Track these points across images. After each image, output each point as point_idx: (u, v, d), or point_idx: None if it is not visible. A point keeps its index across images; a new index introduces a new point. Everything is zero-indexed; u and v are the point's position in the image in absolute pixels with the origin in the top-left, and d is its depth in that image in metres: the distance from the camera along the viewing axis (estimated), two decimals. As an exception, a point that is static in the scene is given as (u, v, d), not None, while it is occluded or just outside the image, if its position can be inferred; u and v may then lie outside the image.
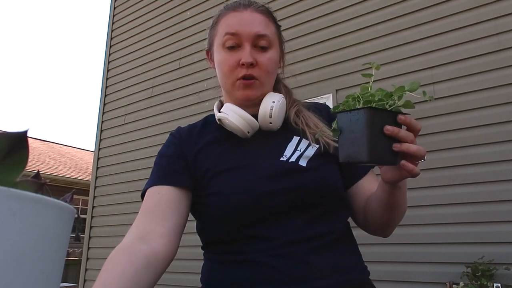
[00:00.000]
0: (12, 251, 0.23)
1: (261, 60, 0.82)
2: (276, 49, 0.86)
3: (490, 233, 2.30)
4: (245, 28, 0.81)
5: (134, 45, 4.70)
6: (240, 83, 0.82)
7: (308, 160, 0.79)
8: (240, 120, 0.82)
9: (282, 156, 0.80)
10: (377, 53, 2.94)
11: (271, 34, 0.84)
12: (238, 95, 0.84)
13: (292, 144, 0.82)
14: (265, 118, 0.82)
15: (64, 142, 33.08)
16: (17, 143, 0.27)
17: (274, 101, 0.83)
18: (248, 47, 0.81)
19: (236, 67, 0.82)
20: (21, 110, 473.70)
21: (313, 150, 0.80)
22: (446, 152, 2.51)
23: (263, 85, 0.84)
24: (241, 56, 0.80)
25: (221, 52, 0.85)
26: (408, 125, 0.65)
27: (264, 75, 0.83)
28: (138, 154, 4.21)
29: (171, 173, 0.81)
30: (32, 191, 0.25)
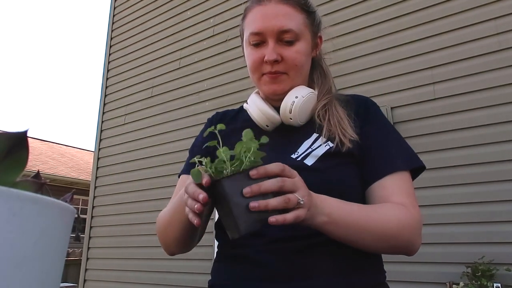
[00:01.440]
0: (12, 251, 0.23)
1: (287, 54, 0.79)
2: (306, 39, 0.82)
3: (490, 233, 2.30)
4: (268, 24, 0.78)
5: (134, 45, 4.70)
6: (265, 77, 0.81)
7: (316, 160, 0.76)
8: (259, 113, 0.82)
9: (295, 153, 0.78)
10: (377, 53, 2.94)
11: (297, 26, 0.80)
12: (265, 89, 0.83)
13: (309, 141, 0.80)
14: (285, 114, 0.81)
15: (64, 142, 33.08)
16: (17, 143, 0.27)
17: (297, 96, 0.80)
18: (272, 43, 0.79)
19: (261, 64, 0.81)
20: (21, 110, 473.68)
21: (324, 149, 0.77)
22: (446, 152, 2.50)
23: (291, 79, 0.81)
24: (265, 53, 0.79)
25: (247, 48, 0.84)
26: (264, 176, 0.57)
27: (292, 69, 0.80)
28: (138, 154, 4.21)
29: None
30: (32, 191, 0.25)
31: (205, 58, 3.95)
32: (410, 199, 0.75)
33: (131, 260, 3.93)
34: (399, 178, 0.76)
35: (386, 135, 0.82)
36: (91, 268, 4.30)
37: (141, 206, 3.99)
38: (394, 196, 0.74)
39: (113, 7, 5.13)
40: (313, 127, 0.82)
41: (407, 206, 0.73)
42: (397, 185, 0.75)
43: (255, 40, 0.80)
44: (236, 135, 0.82)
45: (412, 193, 0.76)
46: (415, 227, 0.72)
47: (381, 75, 2.87)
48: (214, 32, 3.95)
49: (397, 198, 0.73)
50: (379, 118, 0.84)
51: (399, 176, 0.77)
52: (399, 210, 0.71)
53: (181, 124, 3.94)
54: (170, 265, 3.54)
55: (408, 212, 0.71)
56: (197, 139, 0.93)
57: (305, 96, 0.80)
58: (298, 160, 0.77)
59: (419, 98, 2.70)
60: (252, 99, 0.85)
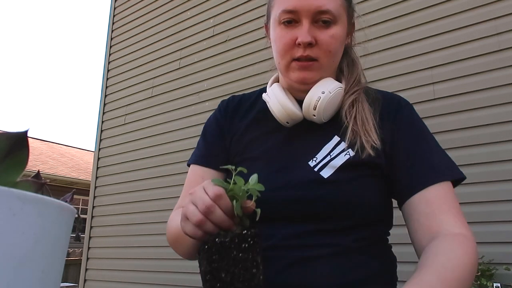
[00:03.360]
0: (12, 250, 0.23)
1: (322, 38, 0.71)
2: (342, 24, 0.74)
3: (489, 233, 2.30)
4: (304, 2, 0.70)
5: (134, 45, 4.69)
6: (295, 64, 0.72)
7: (334, 171, 0.69)
8: (280, 108, 0.73)
9: (313, 159, 0.71)
10: (377, 53, 2.94)
11: (336, 7, 0.71)
12: (293, 77, 0.74)
13: (329, 145, 0.72)
14: (309, 110, 0.72)
15: (65, 142, 33.07)
16: (18, 143, 0.27)
17: (324, 91, 0.71)
18: (307, 23, 0.70)
19: (292, 46, 0.72)
20: (22, 110, 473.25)
21: (343, 158, 0.70)
22: (446, 152, 2.50)
23: (323, 67, 0.73)
24: (298, 34, 0.70)
25: (276, 28, 0.74)
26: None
27: (325, 56, 0.72)
28: (138, 154, 4.21)
29: (210, 154, 0.80)
30: (32, 191, 0.25)
31: (205, 58, 3.95)
32: (460, 217, 0.67)
33: (131, 260, 3.93)
34: (444, 190, 0.68)
35: (424, 141, 0.74)
36: (92, 268, 4.31)
37: (141, 206, 3.99)
38: (444, 214, 0.66)
39: (113, 7, 5.13)
40: (335, 126, 0.74)
41: (462, 230, 0.65)
42: (444, 198, 0.67)
43: (288, 18, 0.71)
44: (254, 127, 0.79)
45: (459, 208, 0.68)
46: (477, 259, 0.64)
47: (381, 75, 2.87)
48: (214, 33, 3.95)
49: (447, 217, 0.65)
50: (415, 121, 0.76)
51: (444, 187, 0.68)
52: (465, 253, 0.60)
53: (181, 124, 3.94)
54: (170, 265, 3.54)
55: (470, 244, 0.63)
56: (208, 127, 0.86)
57: (332, 92, 0.72)
58: (315, 170, 0.70)
59: (418, 98, 2.70)
60: (274, 90, 0.76)
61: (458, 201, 0.69)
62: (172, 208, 0.86)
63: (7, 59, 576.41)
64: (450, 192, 0.69)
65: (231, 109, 0.84)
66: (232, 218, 0.53)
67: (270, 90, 0.78)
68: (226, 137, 0.81)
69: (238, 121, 0.82)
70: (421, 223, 0.67)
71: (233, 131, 0.81)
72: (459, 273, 0.58)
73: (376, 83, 2.88)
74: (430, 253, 0.61)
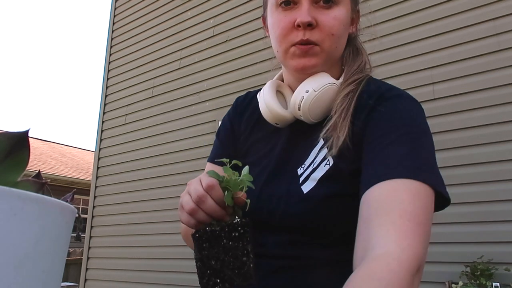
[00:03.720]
0: (13, 250, 0.23)
1: (323, 19, 0.64)
2: (346, 6, 0.67)
3: (489, 232, 2.30)
4: None
5: (135, 45, 4.70)
6: (295, 49, 0.66)
7: (314, 186, 0.64)
8: (266, 110, 0.70)
9: (301, 167, 0.68)
10: (377, 53, 2.94)
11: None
12: (292, 64, 0.67)
13: (315, 150, 0.67)
14: (295, 110, 0.68)
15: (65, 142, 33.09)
16: (18, 143, 0.28)
17: (309, 90, 0.65)
18: (307, 3, 0.64)
19: (291, 30, 0.65)
20: (22, 110, 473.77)
21: (323, 169, 0.64)
22: (446, 152, 2.50)
23: (325, 52, 0.66)
24: (297, 16, 0.64)
25: (274, 13, 0.68)
26: None
27: (328, 39, 0.65)
28: (139, 154, 4.21)
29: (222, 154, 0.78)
30: (33, 191, 0.25)
31: (205, 58, 3.95)
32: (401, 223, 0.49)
33: (131, 260, 3.93)
34: (395, 187, 0.53)
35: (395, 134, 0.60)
36: (92, 268, 4.31)
37: (141, 206, 3.99)
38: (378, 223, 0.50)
39: (114, 7, 5.13)
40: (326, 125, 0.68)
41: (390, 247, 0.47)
42: (388, 197, 0.52)
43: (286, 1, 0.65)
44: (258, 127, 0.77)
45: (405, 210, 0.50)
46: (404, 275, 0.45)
47: (381, 75, 2.86)
48: (215, 33, 3.95)
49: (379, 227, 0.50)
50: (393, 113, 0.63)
51: (396, 184, 0.53)
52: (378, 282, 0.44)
53: (181, 124, 3.94)
54: (170, 265, 3.54)
55: (392, 266, 0.45)
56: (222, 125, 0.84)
57: (318, 90, 0.65)
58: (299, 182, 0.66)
59: (418, 98, 2.66)
60: (263, 90, 0.72)
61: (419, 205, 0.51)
62: (171, 208, 0.86)
63: (8, 59, 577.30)
64: (407, 191, 0.52)
65: (243, 106, 0.82)
66: (224, 209, 0.53)
67: (261, 90, 0.74)
68: (236, 135, 0.81)
69: (245, 120, 0.80)
70: (359, 232, 0.54)
71: (241, 131, 0.80)
72: None
73: (376, 83, 2.88)
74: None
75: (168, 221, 3.67)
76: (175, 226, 3.53)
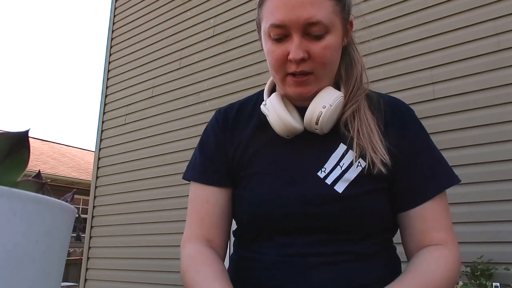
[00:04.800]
0: (13, 250, 0.23)
1: (315, 51, 0.67)
2: (336, 31, 0.70)
3: (489, 232, 2.30)
4: (292, 15, 0.65)
5: (135, 45, 4.70)
6: (290, 79, 0.70)
7: (348, 185, 0.68)
8: (280, 124, 0.71)
9: (321, 170, 0.70)
10: (377, 53, 2.94)
11: (327, 15, 0.67)
12: (290, 91, 0.72)
13: (336, 155, 0.71)
14: (311, 124, 0.71)
15: (65, 142, 33.05)
16: (18, 143, 0.28)
17: (325, 105, 0.69)
18: (298, 38, 0.66)
19: (284, 62, 0.69)
20: (22, 110, 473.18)
21: (356, 171, 0.69)
22: (446, 152, 2.49)
23: (319, 79, 0.71)
24: (290, 49, 0.67)
25: (267, 42, 0.71)
26: None
27: (321, 68, 0.69)
28: (139, 154, 4.21)
29: (210, 170, 0.78)
30: (33, 191, 0.26)
31: (205, 58, 3.95)
32: (450, 232, 0.71)
33: (131, 260, 3.93)
34: (439, 203, 0.72)
35: (426, 152, 0.74)
36: (92, 268, 4.31)
37: (141, 206, 3.99)
38: (436, 232, 0.70)
39: (114, 7, 5.13)
40: (339, 134, 0.72)
41: (448, 246, 0.69)
42: (438, 214, 0.71)
43: (277, 34, 0.68)
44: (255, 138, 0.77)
45: (450, 221, 0.72)
46: (458, 273, 0.69)
47: (381, 75, 2.87)
48: (214, 33, 3.95)
49: (438, 235, 0.70)
50: (419, 131, 0.75)
51: (440, 199, 0.72)
52: (445, 265, 0.66)
53: (181, 124, 3.94)
54: (170, 265, 3.54)
55: (453, 259, 0.68)
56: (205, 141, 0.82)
57: (333, 105, 0.69)
58: (328, 183, 0.69)
59: (418, 98, 2.70)
60: (272, 102, 0.73)
61: (449, 213, 0.73)
62: (171, 208, 0.86)
63: (8, 59, 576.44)
64: (444, 204, 0.73)
65: (231, 119, 0.81)
66: None
67: (269, 102, 0.74)
68: (227, 149, 0.79)
69: (239, 132, 0.79)
70: (414, 237, 0.71)
71: (236, 143, 0.78)
72: (437, 282, 0.64)
73: (376, 83, 2.88)
74: (416, 261, 0.68)
75: (168, 221, 3.67)
76: (175, 226, 3.53)
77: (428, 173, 0.73)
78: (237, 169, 0.77)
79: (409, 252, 0.73)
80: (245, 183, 0.75)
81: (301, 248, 0.69)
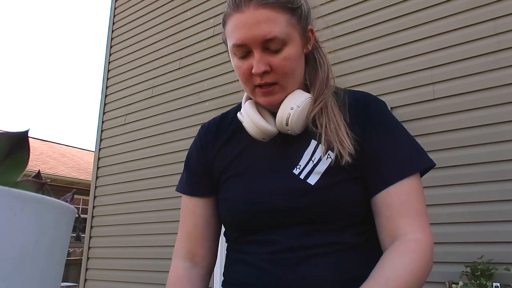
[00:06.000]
0: (13, 250, 0.23)
1: (275, 63, 0.73)
2: (294, 41, 0.75)
3: (489, 232, 2.30)
4: (250, 34, 0.71)
5: (135, 45, 4.70)
6: (258, 91, 0.76)
7: (320, 177, 0.72)
8: (254, 127, 0.77)
9: (296, 167, 0.75)
10: (377, 53, 2.94)
11: (282, 30, 0.72)
12: (260, 101, 0.78)
13: (309, 151, 0.76)
14: (282, 126, 0.76)
15: (65, 142, 33.07)
16: (18, 143, 0.28)
17: (293, 106, 0.74)
18: (258, 53, 0.72)
19: (250, 75, 0.75)
20: (22, 110, 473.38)
21: (326, 163, 0.73)
22: (446, 152, 2.50)
23: (285, 88, 0.76)
24: (252, 64, 0.73)
25: (233, 59, 0.77)
26: None
27: (283, 78, 0.75)
28: (139, 154, 4.21)
29: (193, 182, 0.86)
30: (33, 191, 0.25)
31: (205, 58, 3.95)
32: (418, 218, 0.69)
33: (131, 260, 3.93)
34: (407, 187, 0.71)
35: (390, 136, 0.76)
36: (92, 268, 4.31)
37: (141, 206, 3.99)
38: (401, 218, 0.69)
39: (114, 7, 5.13)
40: (311, 132, 0.77)
41: (417, 234, 0.68)
42: (403, 199, 0.70)
43: (241, 52, 0.74)
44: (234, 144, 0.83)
45: (421, 209, 0.70)
46: (428, 264, 0.67)
47: (381, 75, 2.87)
48: (214, 33, 3.95)
49: (405, 221, 0.69)
50: (381, 117, 0.78)
51: (407, 184, 0.71)
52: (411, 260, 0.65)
53: (181, 124, 3.94)
54: (170, 265, 3.54)
55: (421, 251, 0.66)
56: (190, 156, 0.90)
57: (301, 106, 0.75)
58: (301, 178, 0.73)
59: (418, 98, 2.70)
60: (246, 109, 0.79)
61: (421, 198, 0.71)
62: (171, 208, 0.88)
63: (8, 59, 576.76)
64: (412, 188, 0.71)
65: (211, 131, 0.88)
66: None
67: (243, 109, 0.81)
68: (208, 160, 0.85)
69: (220, 141, 0.86)
70: (383, 226, 0.71)
71: (215, 152, 0.85)
72: (402, 280, 0.63)
73: (377, 83, 2.88)
74: (379, 264, 0.67)
75: (168, 221, 3.67)
76: (175, 226, 3.53)
77: (392, 158, 0.73)
78: (218, 176, 0.83)
79: (383, 245, 0.72)
80: (225, 186, 0.80)
81: (287, 243, 0.72)
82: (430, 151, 2.53)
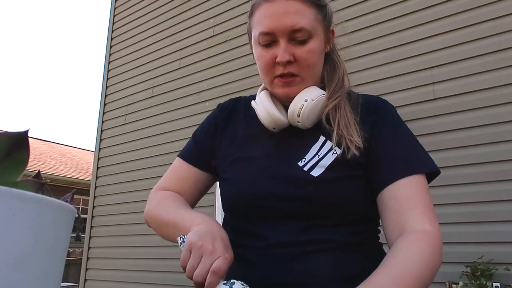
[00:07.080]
0: (12, 250, 0.23)
1: (300, 55, 0.75)
2: (319, 36, 0.77)
3: (489, 233, 2.30)
4: (279, 23, 0.74)
5: (135, 45, 4.70)
6: (278, 81, 0.78)
7: (324, 170, 0.73)
8: (266, 116, 0.78)
9: (302, 160, 0.76)
10: (377, 53, 2.94)
11: (310, 23, 0.75)
12: (278, 92, 0.80)
13: (316, 146, 0.77)
14: (293, 117, 0.77)
15: (65, 142, 33.09)
16: (18, 143, 0.28)
17: (307, 99, 0.76)
18: (284, 43, 0.74)
19: (273, 65, 0.77)
20: (22, 110, 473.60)
21: (332, 157, 0.74)
22: (446, 152, 2.50)
23: (304, 80, 0.78)
24: (277, 53, 0.75)
25: (257, 48, 0.79)
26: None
27: (305, 70, 0.77)
28: (138, 154, 4.21)
29: (199, 153, 0.88)
30: (32, 191, 0.25)
31: (205, 58, 3.95)
32: (427, 210, 0.69)
33: (131, 260, 3.93)
34: (414, 183, 0.71)
35: (398, 137, 0.77)
36: (92, 268, 4.31)
37: (141, 206, 3.98)
38: (409, 210, 0.68)
39: (114, 7, 5.13)
40: (320, 129, 0.78)
41: (425, 226, 0.67)
42: (412, 193, 0.70)
43: (266, 40, 0.76)
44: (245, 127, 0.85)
45: (428, 203, 0.70)
46: (439, 255, 0.66)
47: (381, 75, 2.87)
48: (214, 33, 3.95)
49: (414, 213, 0.68)
50: (390, 119, 0.80)
51: (414, 180, 0.71)
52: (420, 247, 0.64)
53: (181, 124, 3.94)
54: (170, 265, 3.54)
55: (430, 241, 0.65)
56: (203, 125, 0.93)
57: (315, 100, 0.76)
58: (305, 170, 0.74)
59: (419, 98, 2.70)
60: (261, 98, 0.81)
61: (428, 195, 0.72)
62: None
63: (8, 59, 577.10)
64: (420, 185, 0.71)
65: (229, 111, 0.90)
66: None
67: (258, 98, 0.83)
68: (217, 137, 0.87)
69: (232, 123, 0.88)
70: (390, 220, 0.71)
71: (227, 132, 0.87)
72: (413, 269, 0.61)
73: (377, 83, 2.88)
74: (389, 253, 0.66)
75: (168, 221, 3.67)
76: (175, 226, 3.53)
77: (400, 155, 0.74)
78: (224, 156, 0.84)
79: (389, 238, 0.71)
80: (231, 167, 0.81)
81: (282, 238, 0.72)
82: (430, 151, 2.53)
